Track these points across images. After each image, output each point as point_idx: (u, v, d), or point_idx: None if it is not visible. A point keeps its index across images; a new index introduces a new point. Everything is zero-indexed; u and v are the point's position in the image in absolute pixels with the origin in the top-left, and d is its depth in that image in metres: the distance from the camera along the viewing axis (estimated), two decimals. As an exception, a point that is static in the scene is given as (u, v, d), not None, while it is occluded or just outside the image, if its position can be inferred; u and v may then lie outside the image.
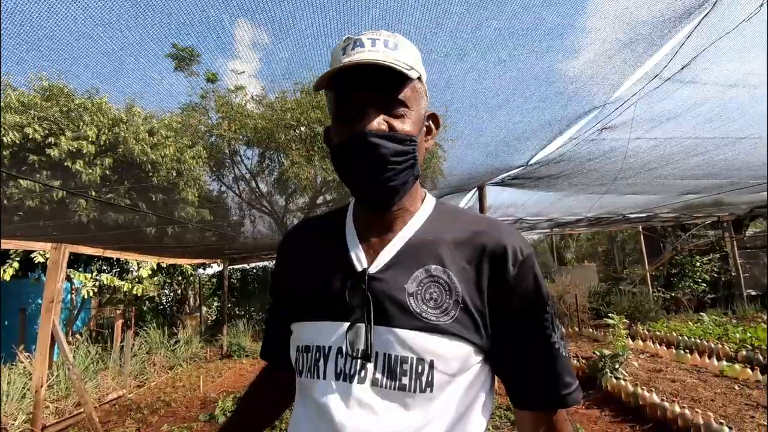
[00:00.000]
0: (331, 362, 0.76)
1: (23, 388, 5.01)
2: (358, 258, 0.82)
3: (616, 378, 4.73)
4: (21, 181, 5.44)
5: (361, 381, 0.74)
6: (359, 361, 0.74)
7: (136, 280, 7.50)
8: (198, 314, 11.48)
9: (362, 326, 0.75)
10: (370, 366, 0.74)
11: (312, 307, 0.83)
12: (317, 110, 9.19)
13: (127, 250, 6.24)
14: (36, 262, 5.98)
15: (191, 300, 11.82)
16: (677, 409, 3.72)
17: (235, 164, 10.73)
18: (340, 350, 0.76)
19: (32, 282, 8.76)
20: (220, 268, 12.85)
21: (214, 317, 12.37)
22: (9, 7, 2.63)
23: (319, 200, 10.84)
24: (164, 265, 7.93)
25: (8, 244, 4.27)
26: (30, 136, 5.65)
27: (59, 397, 5.40)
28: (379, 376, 0.73)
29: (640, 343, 6.63)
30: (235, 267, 12.29)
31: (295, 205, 11.23)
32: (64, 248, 4.66)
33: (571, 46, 2.39)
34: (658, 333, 7.27)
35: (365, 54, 0.74)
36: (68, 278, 7.32)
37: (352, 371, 0.74)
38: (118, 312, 7.90)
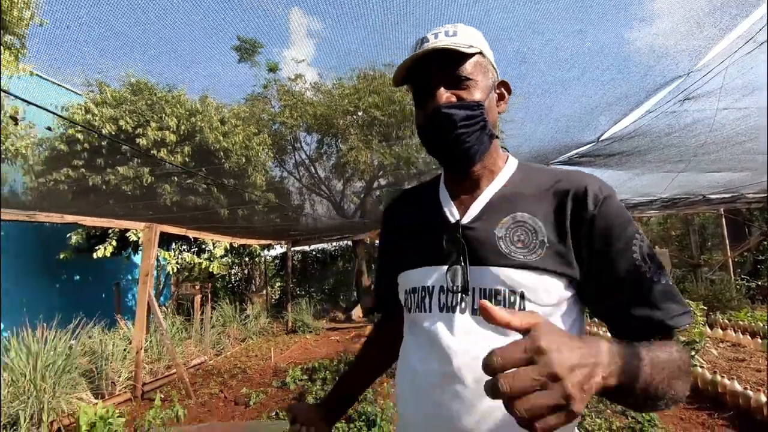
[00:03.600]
0: (435, 298, 0.90)
1: (124, 350, 5.69)
2: (451, 213, 0.94)
3: (692, 365, 4.50)
4: (118, 168, 6.10)
5: (462, 311, 0.86)
6: (459, 294, 0.87)
7: (211, 258, 8.17)
8: (263, 293, 12.24)
9: (459, 267, 0.87)
10: (468, 299, 0.86)
11: (416, 257, 0.96)
12: (374, 95, 9.32)
13: (205, 230, 6.79)
14: (131, 240, 6.71)
15: (256, 279, 12.60)
16: (763, 398, 3.50)
17: (296, 150, 11.18)
18: (442, 288, 0.89)
19: (124, 260, 9.80)
20: (283, 250, 13.56)
21: (277, 296, 13.12)
22: (105, 18, 3.01)
23: (375, 184, 11.04)
24: (235, 245, 8.54)
25: (109, 223, 4.83)
26: (123, 128, 6.27)
27: (152, 360, 6.08)
28: (477, 306, 0.83)
29: (720, 332, 6.18)
30: (296, 249, 12.90)
31: (352, 189, 11.53)
32: (155, 228, 5.20)
33: (654, 12, 2.28)
34: (741, 322, 6.73)
35: (428, 46, 0.88)
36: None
37: (454, 304, 0.87)
38: (196, 288, 8.68)
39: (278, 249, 13.32)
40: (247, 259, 11.80)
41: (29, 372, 4.13)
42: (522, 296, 0.82)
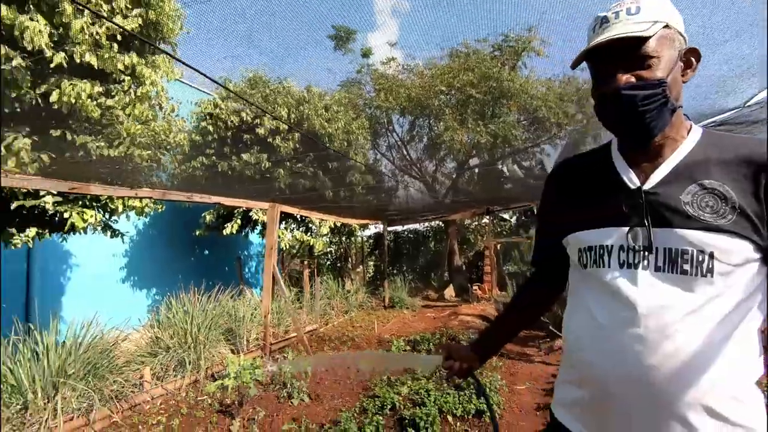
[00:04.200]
0: (614, 256, 0.96)
1: (251, 314, 6.51)
2: (630, 179, 0.99)
3: None
4: (243, 155, 6.88)
5: (645, 268, 0.92)
6: (642, 252, 0.93)
7: (317, 236, 8.88)
8: (358, 270, 12.95)
9: (640, 229, 0.94)
10: (651, 257, 0.92)
11: (591, 220, 1.02)
12: (469, 72, 9.16)
13: (313, 210, 7.39)
14: (253, 219, 7.58)
15: (352, 258, 13.34)
16: None
17: (389, 133, 11.48)
18: (621, 247, 0.96)
19: (243, 238, 11.05)
20: (376, 230, 14.13)
21: (372, 274, 13.77)
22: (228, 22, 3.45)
23: (469, 164, 10.92)
24: (338, 225, 9.17)
25: (242, 203, 5.53)
26: (244, 119, 7.03)
27: (273, 325, 6.88)
28: (660, 264, 0.91)
29: None
30: (389, 230, 13.34)
31: (444, 170, 11.56)
32: (277, 207, 5.83)
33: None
34: None
35: (609, 30, 0.92)
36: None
37: (636, 261, 0.94)
38: (304, 263, 9.53)
39: (372, 229, 13.92)
40: (344, 238, 12.53)
41: (188, 326, 4.98)
42: (711, 256, 0.87)
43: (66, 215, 3.67)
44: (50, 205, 3.53)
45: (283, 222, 9.44)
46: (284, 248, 8.46)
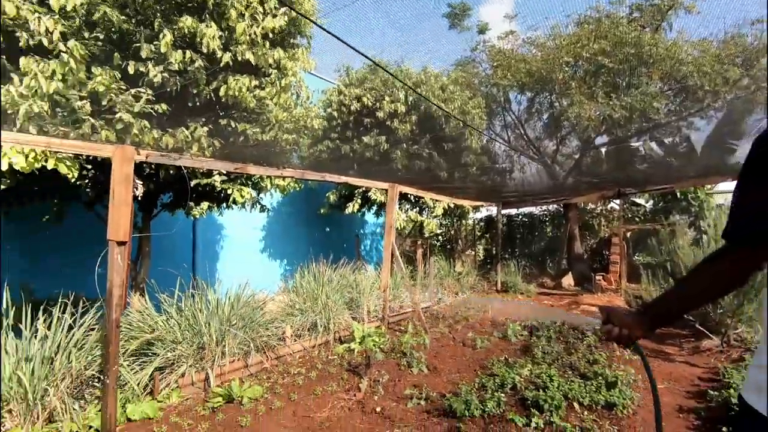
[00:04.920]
0: None
1: (369, 288, 6.96)
2: None
3: None
4: (363, 138, 7.29)
5: None
6: None
7: (431, 217, 9.04)
8: (468, 252, 12.84)
9: None
10: None
11: None
12: (600, 40, 8.26)
13: (429, 190, 7.53)
14: (372, 200, 8.04)
15: (462, 241, 13.27)
16: None
17: (506, 111, 10.99)
18: None
19: (360, 217, 11.75)
20: (488, 213, 13.79)
21: (482, 258, 13.55)
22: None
23: (597, 141, 9.94)
24: (451, 206, 9.20)
25: (361, 182, 5.89)
26: (365, 104, 7.41)
27: (390, 299, 7.27)
28: None
29: None
30: (503, 212, 12.92)
31: (566, 149, 10.72)
32: (396, 187, 6.08)
33: None
34: None
35: None
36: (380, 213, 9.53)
37: None
38: (417, 243, 9.82)
39: (484, 212, 13.63)
40: (455, 220, 12.51)
41: (319, 293, 5.56)
42: None
43: (229, 192, 4.38)
44: (218, 183, 4.25)
45: (398, 203, 9.80)
46: (398, 228, 8.80)
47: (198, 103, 3.82)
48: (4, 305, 3.38)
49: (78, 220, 5.18)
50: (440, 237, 13.39)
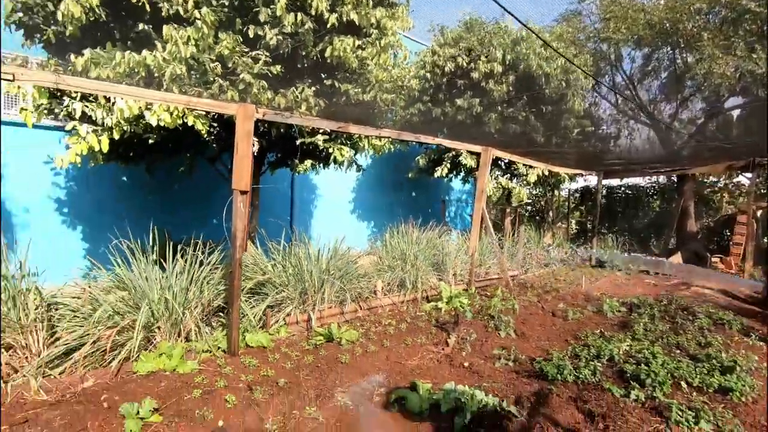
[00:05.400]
0: None
1: (455, 252, 6.97)
2: None
3: None
4: (456, 100, 7.13)
5: None
6: None
7: (523, 184, 8.67)
8: (560, 225, 12.14)
9: None
10: None
11: None
12: (746, -20, 6.94)
13: (525, 155, 7.19)
14: (462, 164, 7.91)
15: (553, 212, 12.55)
16: None
17: (616, 70, 9.90)
18: None
19: (446, 183, 11.69)
20: (586, 183, 12.82)
21: (575, 230, 12.74)
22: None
23: (728, 103, 8.57)
24: (545, 174, 8.69)
25: (453, 145, 5.81)
26: (459, 65, 7.18)
27: (476, 265, 7.25)
28: None
29: None
30: (603, 183, 11.93)
31: (688, 113, 9.42)
32: (490, 151, 5.91)
33: None
34: None
35: None
36: (467, 179, 9.34)
37: None
38: (507, 211, 9.52)
39: (580, 182, 12.69)
40: (548, 190, 11.84)
41: (407, 253, 5.74)
42: None
43: (330, 150, 4.64)
44: (321, 142, 4.51)
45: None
46: (489, 194, 8.59)
47: (306, 65, 4.04)
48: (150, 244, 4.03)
49: (203, 175, 5.91)
50: (529, 207, 12.82)
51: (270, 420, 2.66)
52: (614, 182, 12.49)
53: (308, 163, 4.95)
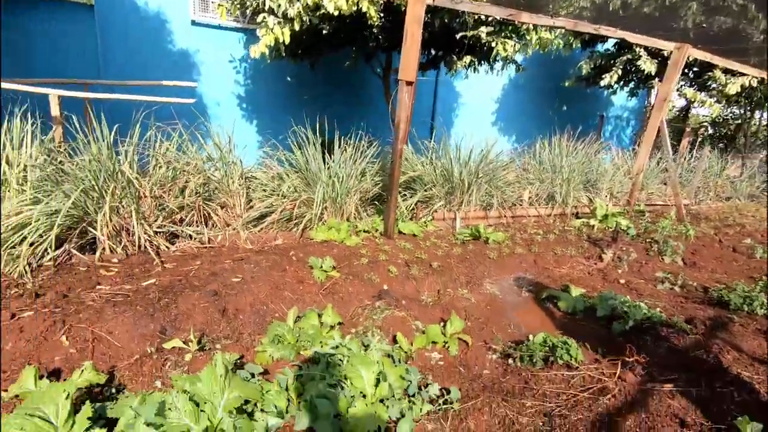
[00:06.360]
0: None
1: (612, 171, 6.22)
2: None
3: None
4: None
5: None
6: None
7: (721, 95, 7.01)
8: (754, 156, 9.80)
9: None
10: None
11: None
12: None
13: (739, 60, 5.73)
14: (640, 70, 6.66)
15: (746, 138, 10.10)
16: None
17: None
18: None
19: (606, 97, 10.18)
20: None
21: (773, 163, 10.20)
22: None
23: None
24: (753, 85, 6.83)
25: (640, 40, 4.82)
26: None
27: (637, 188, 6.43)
28: None
29: None
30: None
31: None
32: (685, 49, 4.82)
33: None
34: None
35: None
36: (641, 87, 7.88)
37: None
38: (687, 130, 7.98)
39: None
40: (747, 110, 9.46)
41: (559, 166, 5.34)
42: None
43: (493, 44, 4.31)
44: (484, 35, 4.20)
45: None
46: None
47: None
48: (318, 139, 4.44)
49: (358, 77, 6.13)
50: (712, 130, 10.55)
51: (426, 293, 2.95)
52: None
53: (467, 59, 4.70)
